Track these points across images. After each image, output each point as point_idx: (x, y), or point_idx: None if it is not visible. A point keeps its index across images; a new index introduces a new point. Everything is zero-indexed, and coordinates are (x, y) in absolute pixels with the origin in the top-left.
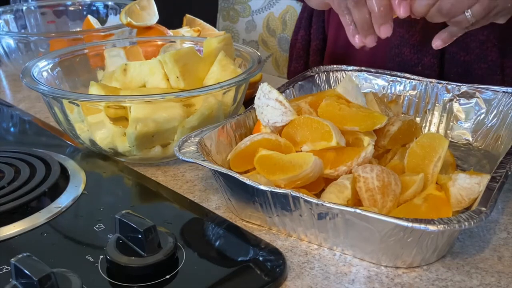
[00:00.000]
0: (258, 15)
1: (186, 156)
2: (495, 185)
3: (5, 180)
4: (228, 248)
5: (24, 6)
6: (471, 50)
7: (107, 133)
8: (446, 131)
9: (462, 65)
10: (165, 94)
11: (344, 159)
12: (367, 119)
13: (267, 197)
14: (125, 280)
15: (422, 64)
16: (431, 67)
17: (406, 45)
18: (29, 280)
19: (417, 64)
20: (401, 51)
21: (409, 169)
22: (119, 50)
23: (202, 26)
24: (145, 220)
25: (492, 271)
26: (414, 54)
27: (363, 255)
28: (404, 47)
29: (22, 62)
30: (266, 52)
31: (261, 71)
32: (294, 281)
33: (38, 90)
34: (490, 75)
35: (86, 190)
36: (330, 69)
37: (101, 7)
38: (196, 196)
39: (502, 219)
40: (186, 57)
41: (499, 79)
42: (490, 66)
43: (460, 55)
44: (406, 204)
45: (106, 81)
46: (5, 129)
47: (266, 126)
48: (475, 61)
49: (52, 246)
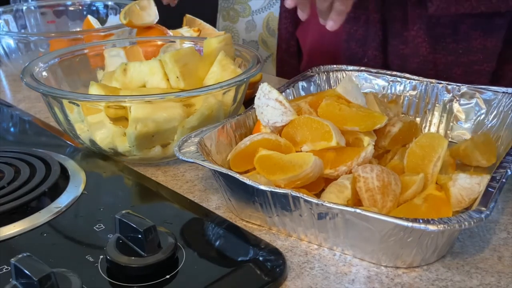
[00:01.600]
0: (258, 15)
1: (186, 156)
2: (495, 185)
3: (5, 180)
4: (228, 248)
5: (24, 6)
6: (408, 43)
7: (107, 133)
8: (446, 131)
9: (401, 57)
10: (165, 94)
11: (344, 159)
12: (367, 119)
13: (267, 197)
14: (125, 280)
15: (368, 56)
16: (374, 59)
17: (352, 40)
18: (29, 280)
19: (363, 56)
20: (349, 45)
21: (409, 169)
22: (119, 50)
23: (202, 26)
24: (145, 220)
25: (492, 271)
26: (359, 48)
27: (363, 255)
28: (351, 41)
29: (22, 62)
30: (266, 52)
31: (261, 71)
32: (294, 281)
33: (38, 90)
34: (424, 70)
35: (86, 190)
36: (330, 69)
37: (101, 7)
38: (196, 196)
39: (502, 219)
40: (186, 57)
41: (433, 74)
42: (422, 60)
43: (399, 48)
44: (406, 204)
45: (106, 81)
46: (5, 129)
47: (266, 126)
48: (410, 55)
49: (52, 246)
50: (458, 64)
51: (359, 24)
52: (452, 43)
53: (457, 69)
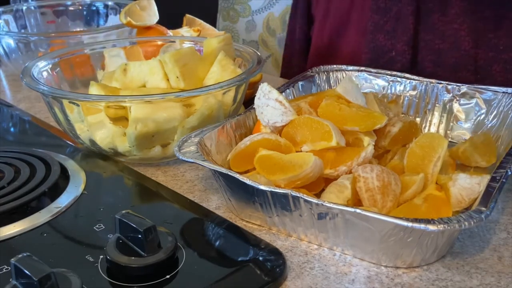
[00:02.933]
0: (258, 15)
1: (186, 156)
2: (495, 185)
3: (5, 180)
4: (228, 248)
5: (24, 6)
6: (446, 38)
7: (107, 133)
8: (446, 132)
9: (436, 53)
10: (165, 94)
11: (344, 159)
12: (367, 119)
13: (267, 197)
14: (125, 280)
15: (395, 50)
16: (402, 54)
17: (380, 31)
18: (29, 280)
19: (391, 50)
20: (375, 37)
21: (409, 169)
22: (119, 50)
23: (202, 26)
24: (145, 220)
25: (492, 271)
26: (387, 40)
27: (363, 255)
28: (378, 33)
29: (22, 62)
30: (266, 52)
31: (261, 71)
32: (294, 281)
33: (38, 90)
34: (463, 65)
35: (86, 190)
36: (330, 69)
37: (101, 7)
38: (196, 196)
39: (502, 219)
40: (186, 57)
41: (472, 69)
42: (463, 55)
43: (435, 43)
44: (406, 204)
45: (106, 81)
46: (5, 129)
47: (266, 126)
48: (449, 50)
49: (52, 246)
50: (498, 61)
51: (389, 16)
52: (494, 39)
53: (496, 66)
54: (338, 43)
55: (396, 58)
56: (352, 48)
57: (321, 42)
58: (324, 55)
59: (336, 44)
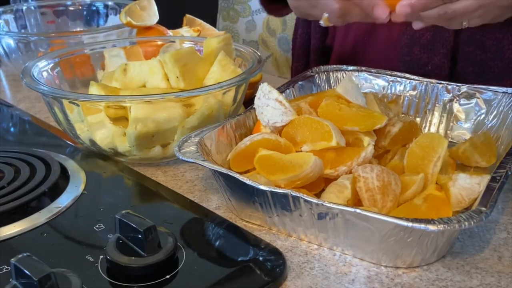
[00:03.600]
0: (258, 15)
1: (186, 156)
2: (495, 185)
3: (5, 180)
4: (228, 248)
5: (24, 6)
6: (487, 48)
7: (107, 133)
8: (446, 132)
9: (478, 64)
10: (165, 94)
11: (344, 159)
12: (367, 119)
13: (267, 197)
14: (125, 280)
15: (432, 64)
16: (441, 67)
17: (416, 44)
18: (29, 280)
19: (427, 63)
20: (411, 50)
21: (409, 169)
22: (119, 50)
23: (202, 26)
24: (145, 220)
25: (492, 271)
26: (424, 54)
27: (363, 255)
28: (414, 46)
29: (22, 62)
30: (266, 52)
31: (261, 71)
32: (294, 281)
33: (38, 90)
34: (507, 72)
35: (86, 190)
36: (330, 69)
37: (101, 7)
38: (196, 196)
39: (502, 219)
40: (186, 57)
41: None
42: (506, 63)
43: (476, 54)
44: (406, 204)
45: (106, 81)
46: (5, 129)
47: (266, 126)
48: (491, 59)
49: (52, 246)
50: None
51: (427, 28)
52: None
53: None
54: (364, 52)
55: (434, 72)
56: (379, 59)
57: (343, 50)
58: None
59: (362, 53)
